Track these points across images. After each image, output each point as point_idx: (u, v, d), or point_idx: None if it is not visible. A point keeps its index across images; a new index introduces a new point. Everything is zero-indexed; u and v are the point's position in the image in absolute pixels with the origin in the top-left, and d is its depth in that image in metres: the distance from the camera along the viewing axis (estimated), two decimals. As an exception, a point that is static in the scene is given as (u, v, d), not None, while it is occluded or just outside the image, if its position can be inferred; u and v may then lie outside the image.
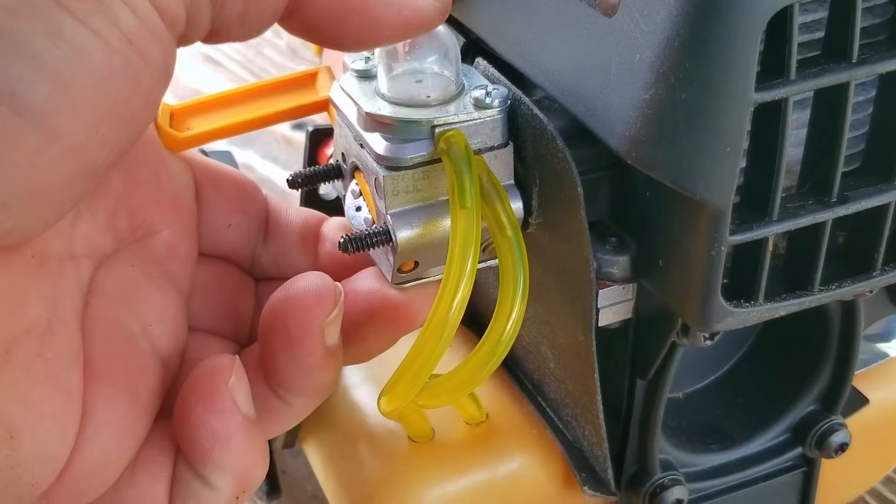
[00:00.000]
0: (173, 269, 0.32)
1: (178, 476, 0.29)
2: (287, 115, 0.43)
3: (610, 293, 0.36)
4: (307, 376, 0.30)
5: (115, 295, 0.30)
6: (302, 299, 0.29)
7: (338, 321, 0.30)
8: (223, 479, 0.28)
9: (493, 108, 0.32)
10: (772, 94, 0.28)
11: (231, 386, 0.28)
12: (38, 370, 0.25)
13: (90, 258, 0.30)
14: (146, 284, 0.31)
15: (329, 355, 0.30)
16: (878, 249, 0.34)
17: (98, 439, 0.27)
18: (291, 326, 0.29)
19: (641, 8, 0.29)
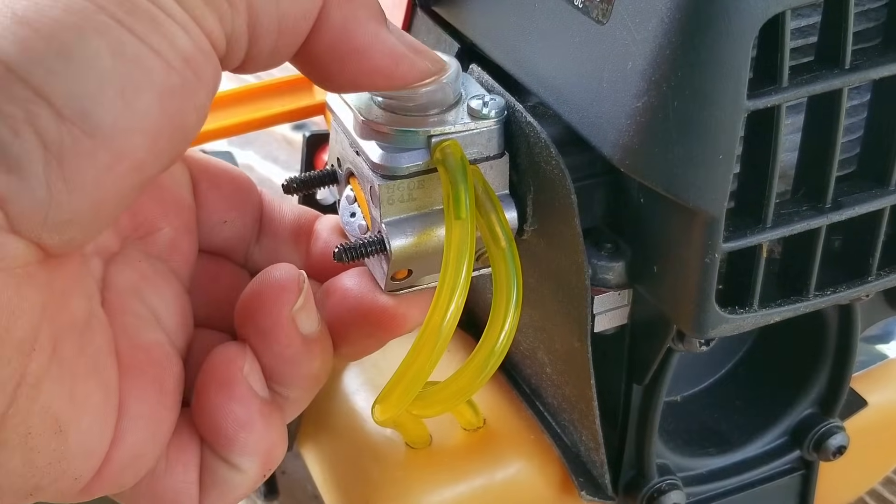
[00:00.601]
0: (176, 265, 0.33)
1: (206, 464, 0.30)
2: (284, 118, 0.44)
3: (605, 299, 0.36)
4: (291, 367, 0.30)
5: (127, 289, 0.30)
6: (266, 291, 0.30)
7: (309, 308, 0.30)
8: (250, 462, 0.29)
9: (489, 119, 0.32)
10: (764, 102, 0.28)
11: (246, 372, 0.29)
12: (82, 365, 0.26)
13: (100, 256, 0.30)
14: (155, 278, 0.32)
15: (310, 344, 0.30)
16: (874, 254, 0.34)
17: (133, 432, 0.27)
18: (260, 319, 0.30)
19: (634, 16, 0.29)
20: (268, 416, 0.29)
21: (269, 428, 0.29)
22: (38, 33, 0.22)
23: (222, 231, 0.35)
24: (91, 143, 0.22)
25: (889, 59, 0.30)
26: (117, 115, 0.22)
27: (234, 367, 0.29)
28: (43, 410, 0.24)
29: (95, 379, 0.26)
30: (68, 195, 0.22)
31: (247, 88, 0.40)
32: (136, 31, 0.23)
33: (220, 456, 0.29)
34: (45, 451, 0.24)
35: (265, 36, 0.26)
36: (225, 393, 0.29)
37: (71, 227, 0.23)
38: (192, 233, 0.33)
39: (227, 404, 0.29)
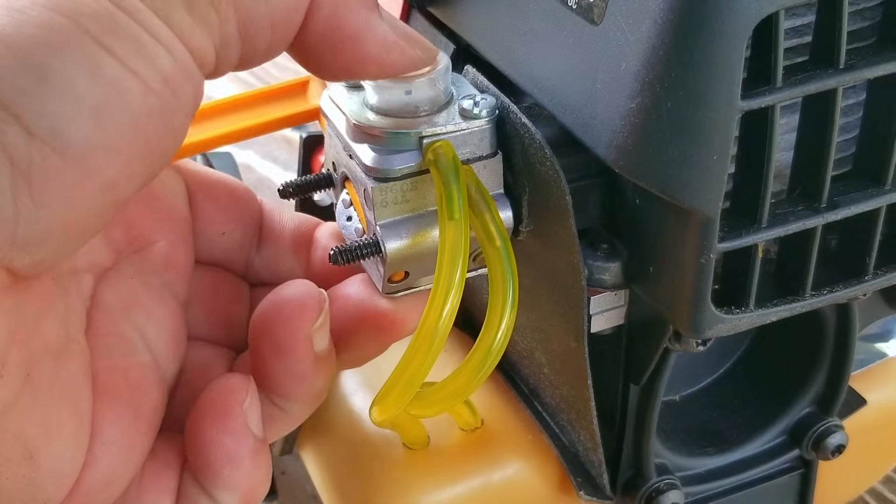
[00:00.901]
0: (171, 279, 0.33)
1: (185, 492, 0.29)
2: (278, 125, 0.43)
3: (602, 300, 0.36)
4: (299, 383, 0.30)
5: (116, 308, 0.30)
6: (287, 308, 0.30)
7: (325, 328, 0.30)
8: (230, 498, 0.29)
9: (481, 119, 0.32)
10: (758, 102, 0.28)
11: (246, 408, 0.29)
12: (56, 390, 0.26)
13: (91, 272, 0.30)
14: (146, 296, 0.31)
15: (319, 361, 0.30)
16: (871, 253, 0.34)
17: (105, 456, 0.27)
18: (279, 335, 0.30)
19: (627, 17, 0.29)
20: (257, 455, 0.29)
21: (257, 467, 0.29)
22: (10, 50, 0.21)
23: (221, 242, 0.34)
24: (60, 161, 0.22)
25: (884, 59, 0.30)
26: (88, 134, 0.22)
27: (233, 400, 0.29)
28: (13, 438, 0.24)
29: (69, 404, 0.26)
30: (36, 213, 0.22)
31: (239, 97, 0.40)
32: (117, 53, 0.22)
33: (203, 487, 0.29)
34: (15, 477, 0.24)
35: (259, 35, 0.26)
36: (220, 424, 0.28)
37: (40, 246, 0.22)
38: (188, 245, 0.33)
39: (220, 436, 0.28)
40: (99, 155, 0.22)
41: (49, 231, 0.22)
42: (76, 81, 0.22)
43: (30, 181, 0.21)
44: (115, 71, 0.22)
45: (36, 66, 0.21)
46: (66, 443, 0.26)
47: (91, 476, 0.27)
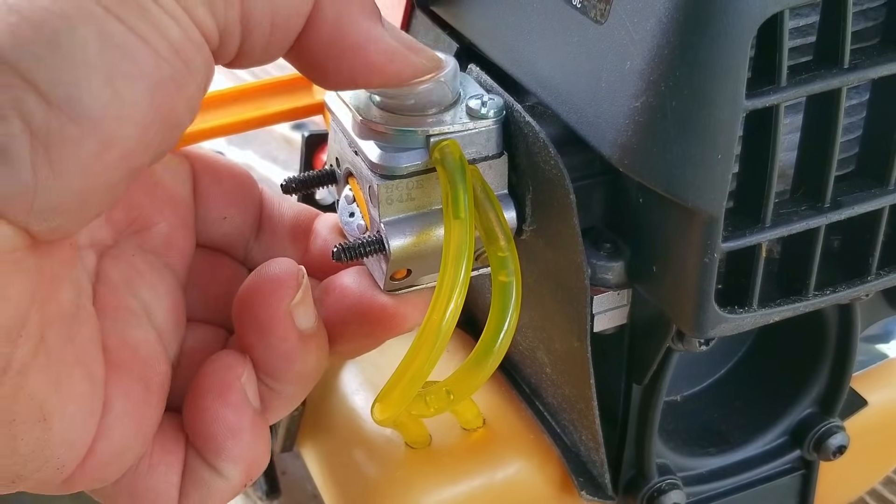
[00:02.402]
0: (171, 260, 0.33)
1: (190, 467, 0.30)
2: (282, 117, 0.43)
3: (604, 299, 0.36)
4: (286, 362, 0.30)
5: (120, 283, 0.30)
6: (265, 285, 0.30)
7: (306, 304, 0.30)
8: (234, 469, 0.30)
9: (488, 119, 0.32)
10: (763, 102, 0.28)
11: (244, 381, 0.30)
12: (69, 355, 0.26)
13: (93, 249, 0.30)
14: (148, 273, 0.32)
15: (306, 340, 0.30)
16: (873, 253, 0.34)
17: (117, 427, 0.28)
18: (258, 313, 0.30)
19: (632, 16, 0.29)
20: (257, 427, 0.30)
21: (257, 439, 0.30)
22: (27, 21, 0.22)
23: (222, 227, 0.35)
24: (78, 129, 0.22)
25: (888, 59, 0.30)
26: (105, 102, 0.22)
27: (231, 375, 0.29)
28: (28, 398, 0.24)
29: (82, 370, 0.26)
30: (55, 181, 0.22)
31: (245, 87, 0.40)
32: (126, 21, 0.22)
33: (206, 461, 0.29)
34: (29, 438, 0.25)
35: (258, 30, 0.26)
36: (220, 399, 0.29)
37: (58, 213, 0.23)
38: (188, 228, 0.33)
39: (221, 410, 0.29)
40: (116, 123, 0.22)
41: (67, 199, 0.23)
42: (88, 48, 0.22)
43: (48, 150, 0.22)
44: (126, 38, 0.22)
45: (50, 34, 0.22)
46: (78, 407, 0.26)
47: (103, 446, 0.27)
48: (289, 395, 0.31)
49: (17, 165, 0.22)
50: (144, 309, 0.31)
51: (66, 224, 0.23)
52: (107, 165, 0.23)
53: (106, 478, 0.28)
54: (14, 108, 0.21)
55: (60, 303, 0.26)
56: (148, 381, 0.29)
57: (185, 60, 0.24)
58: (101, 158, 0.23)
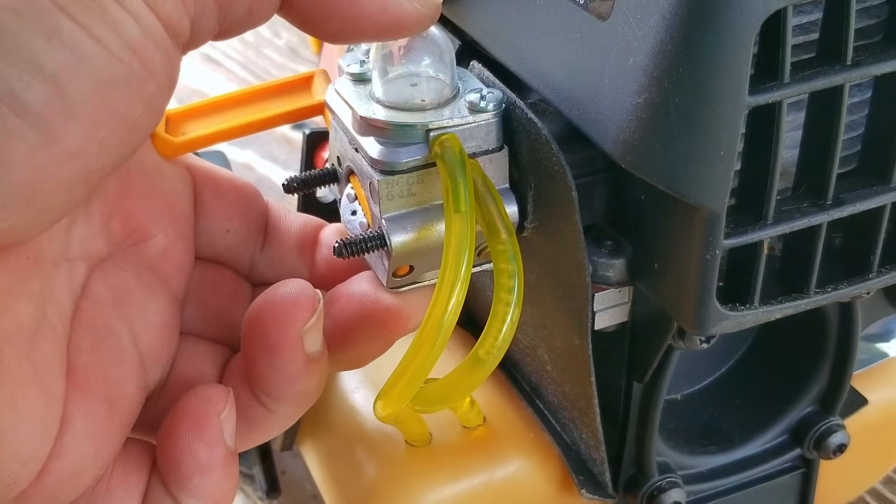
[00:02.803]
0: (168, 274, 0.32)
1: (151, 495, 0.29)
2: (282, 119, 0.43)
3: (605, 296, 0.36)
4: (288, 384, 0.30)
5: (106, 300, 0.30)
6: (280, 306, 0.29)
7: (318, 328, 0.30)
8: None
9: (487, 112, 0.32)
10: (765, 98, 0.28)
11: (222, 419, 0.29)
12: (26, 371, 0.25)
13: (85, 261, 0.30)
14: (139, 290, 0.31)
15: (310, 363, 0.30)
16: (875, 251, 0.34)
17: (75, 447, 0.27)
18: (269, 333, 0.29)
19: (635, 11, 0.29)
20: (227, 467, 0.29)
21: (226, 478, 0.29)
22: None
23: (225, 240, 0.34)
24: (19, 122, 0.22)
25: (890, 56, 0.30)
26: (46, 98, 0.22)
27: (212, 410, 0.29)
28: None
29: (39, 387, 0.26)
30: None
31: (243, 92, 0.40)
32: (77, 18, 0.22)
33: (170, 492, 0.29)
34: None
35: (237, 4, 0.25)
36: (195, 432, 0.29)
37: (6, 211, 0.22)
38: (187, 241, 0.33)
39: (194, 443, 0.29)
40: (59, 119, 0.22)
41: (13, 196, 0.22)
42: (34, 44, 0.22)
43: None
44: (75, 36, 0.22)
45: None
46: (32, 425, 0.26)
47: (59, 465, 0.27)
48: (283, 415, 0.31)
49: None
50: (129, 329, 0.30)
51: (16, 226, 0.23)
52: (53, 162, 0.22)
53: (61, 497, 0.28)
54: None
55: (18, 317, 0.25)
56: (113, 403, 0.29)
57: (141, 59, 0.23)
58: (44, 153, 0.22)
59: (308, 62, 1.11)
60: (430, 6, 0.29)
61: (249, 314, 0.30)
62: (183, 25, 0.24)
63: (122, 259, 0.31)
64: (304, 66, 1.09)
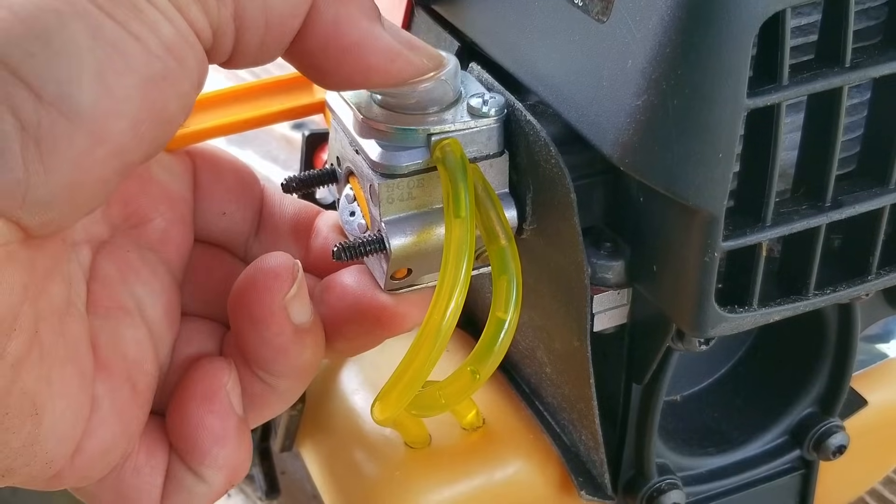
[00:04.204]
0: (167, 257, 0.33)
1: (173, 471, 0.30)
2: (282, 116, 0.43)
3: (605, 298, 0.36)
4: (281, 356, 0.30)
5: (114, 279, 0.30)
6: (260, 279, 0.30)
7: (302, 298, 0.30)
8: (217, 475, 0.30)
9: (489, 117, 0.32)
10: (764, 100, 0.28)
11: (229, 388, 0.30)
12: (60, 350, 0.26)
13: (88, 244, 0.30)
14: (143, 269, 0.32)
15: (300, 334, 0.30)
16: (874, 253, 0.34)
17: (105, 426, 0.28)
18: (253, 306, 0.30)
19: (634, 14, 0.29)
20: (241, 434, 0.30)
21: (241, 445, 0.30)
22: (17, 17, 0.22)
23: (221, 222, 0.35)
24: (69, 125, 0.22)
25: (889, 58, 0.30)
26: (96, 98, 0.22)
27: (217, 382, 0.30)
28: (21, 392, 0.24)
29: (73, 366, 0.26)
30: (46, 176, 0.22)
31: (245, 87, 0.40)
32: (117, 17, 0.23)
33: (189, 466, 0.30)
34: (21, 432, 0.25)
35: (252, 30, 0.26)
36: (205, 406, 0.29)
37: (50, 208, 0.23)
38: (186, 224, 0.33)
39: (206, 417, 0.29)
40: (107, 119, 0.23)
41: (58, 194, 0.23)
42: (79, 44, 0.22)
43: (39, 145, 0.22)
44: (117, 34, 0.23)
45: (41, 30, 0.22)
46: (68, 403, 0.26)
47: (90, 444, 0.27)
48: (284, 390, 0.31)
49: (8, 161, 0.22)
50: (138, 306, 0.31)
51: (59, 218, 0.23)
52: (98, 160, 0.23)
53: (92, 475, 0.28)
54: (5, 103, 0.22)
55: (52, 298, 0.26)
56: (135, 382, 0.29)
57: (177, 58, 0.24)
58: (92, 154, 0.23)
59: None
60: (434, 59, 0.30)
61: (233, 291, 0.31)
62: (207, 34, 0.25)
63: (124, 241, 0.32)
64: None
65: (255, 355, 0.30)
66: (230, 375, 0.30)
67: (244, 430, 0.30)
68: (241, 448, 0.30)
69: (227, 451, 0.29)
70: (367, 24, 0.28)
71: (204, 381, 0.30)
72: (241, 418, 0.30)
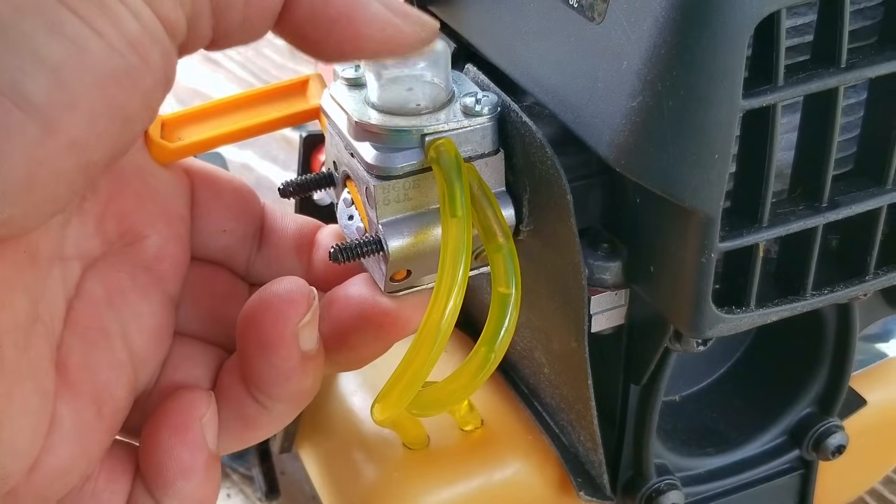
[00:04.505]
0: (163, 274, 0.33)
1: (135, 497, 0.30)
2: (278, 124, 0.43)
3: (602, 299, 0.36)
4: (284, 381, 0.30)
5: (100, 301, 0.30)
6: (275, 303, 0.29)
7: (313, 325, 0.30)
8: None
9: (482, 116, 0.32)
10: (759, 101, 0.28)
11: (204, 422, 0.30)
12: (22, 366, 0.26)
13: (80, 260, 0.30)
14: (132, 291, 0.31)
15: (306, 361, 0.30)
16: (872, 253, 0.34)
17: (64, 445, 0.27)
18: (264, 330, 0.29)
19: (628, 15, 0.29)
20: (209, 469, 0.30)
21: (208, 481, 0.30)
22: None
23: (221, 240, 0.34)
24: (21, 115, 0.22)
25: (885, 58, 0.30)
26: (48, 90, 0.22)
27: (193, 414, 0.30)
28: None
29: (33, 383, 0.26)
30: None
31: (238, 97, 0.40)
32: (79, 12, 0.22)
33: (153, 495, 0.29)
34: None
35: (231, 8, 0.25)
36: (178, 436, 0.29)
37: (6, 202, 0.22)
38: (182, 242, 0.33)
39: (176, 447, 0.29)
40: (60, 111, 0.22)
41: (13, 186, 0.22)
42: (36, 37, 0.22)
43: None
44: (77, 29, 0.22)
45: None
46: (27, 419, 0.26)
47: (48, 461, 0.27)
48: (279, 413, 0.31)
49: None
50: (121, 330, 0.30)
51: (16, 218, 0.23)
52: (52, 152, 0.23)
53: (49, 495, 0.28)
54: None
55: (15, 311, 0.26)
56: (102, 405, 0.29)
57: (140, 54, 0.23)
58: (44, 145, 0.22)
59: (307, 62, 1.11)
60: (427, 29, 0.29)
61: (244, 312, 0.30)
62: (179, 25, 0.25)
63: (117, 259, 0.31)
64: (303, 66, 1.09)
65: (258, 378, 0.30)
66: (208, 408, 0.30)
67: (214, 466, 0.30)
68: (207, 483, 0.30)
69: (192, 484, 0.29)
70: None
71: (180, 411, 0.30)
72: (213, 454, 0.30)
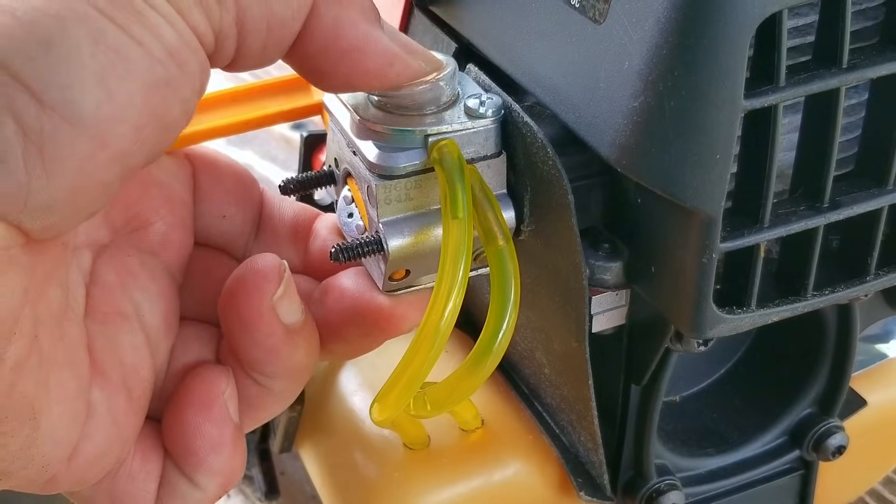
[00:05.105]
0: (167, 260, 0.33)
1: (167, 477, 0.30)
2: (280, 118, 0.43)
3: (603, 299, 0.36)
4: (273, 357, 0.30)
5: (114, 284, 0.30)
6: (247, 280, 0.30)
7: (290, 298, 0.30)
8: (212, 482, 0.30)
9: (486, 118, 0.32)
10: (761, 101, 0.28)
11: (226, 397, 0.30)
12: (59, 355, 0.26)
13: (89, 248, 0.30)
14: (142, 274, 0.32)
15: (292, 334, 0.30)
16: (872, 253, 0.34)
17: (100, 431, 0.28)
18: (241, 308, 0.30)
19: (630, 15, 0.29)
20: (236, 441, 0.30)
21: (236, 452, 0.30)
22: (19, 21, 0.22)
23: (221, 225, 0.35)
24: (71, 130, 0.22)
25: (886, 58, 0.30)
26: (98, 103, 0.22)
27: (215, 390, 0.30)
28: (20, 396, 0.24)
29: (70, 370, 0.27)
30: (48, 181, 0.22)
31: (244, 88, 0.40)
32: (119, 22, 0.23)
33: (184, 472, 0.30)
34: (18, 436, 0.25)
35: (254, 33, 0.26)
36: (203, 413, 0.30)
37: (51, 212, 0.23)
38: (186, 228, 0.34)
39: (204, 424, 0.30)
40: (109, 124, 0.23)
41: (59, 199, 0.23)
42: (81, 49, 0.22)
43: (42, 150, 0.22)
44: (119, 39, 0.23)
45: (42, 35, 0.22)
46: (64, 407, 0.26)
47: (86, 448, 0.27)
48: (279, 391, 0.31)
49: (10, 165, 0.22)
50: (136, 312, 0.31)
51: (60, 222, 0.23)
52: (100, 165, 0.23)
53: (87, 480, 0.28)
54: (7, 108, 0.22)
55: (51, 302, 0.26)
56: (131, 388, 0.29)
57: (179, 63, 0.24)
58: (94, 158, 0.23)
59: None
60: (431, 63, 0.30)
61: (223, 293, 0.31)
62: (209, 39, 0.25)
63: (124, 245, 0.32)
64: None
65: (247, 357, 0.30)
66: (228, 383, 0.30)
67: (240, 438, 0.31)
68: (236, 455, 0.30)
69: (222, 458, 0.30)
70: (367, 27, 0.28)
71: (202, 388, 0.30)
72: (237, 426, 0.30)
